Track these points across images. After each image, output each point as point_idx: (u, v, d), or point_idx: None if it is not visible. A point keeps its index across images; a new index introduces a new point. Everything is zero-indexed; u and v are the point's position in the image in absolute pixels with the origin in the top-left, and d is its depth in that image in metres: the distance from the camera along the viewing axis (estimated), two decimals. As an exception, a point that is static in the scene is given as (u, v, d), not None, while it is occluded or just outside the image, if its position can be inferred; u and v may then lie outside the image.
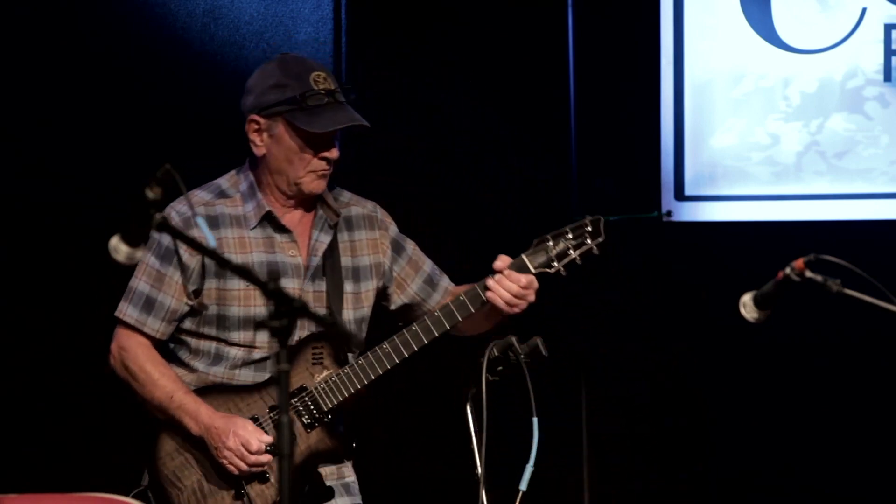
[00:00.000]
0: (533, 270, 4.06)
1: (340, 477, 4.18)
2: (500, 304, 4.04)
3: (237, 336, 4.07)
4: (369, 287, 4.19)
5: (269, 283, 2.85)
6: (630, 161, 5.93)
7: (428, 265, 4.28)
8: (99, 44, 5.32)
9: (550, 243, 4.09)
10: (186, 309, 4.08)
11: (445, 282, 4.28)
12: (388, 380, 5.73)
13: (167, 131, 5.21)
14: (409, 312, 4.26)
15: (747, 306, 3.38)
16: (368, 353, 4.07)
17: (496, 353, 3.96)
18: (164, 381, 4.06)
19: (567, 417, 5.83)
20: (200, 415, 4.02)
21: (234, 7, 5.59)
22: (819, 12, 5.77)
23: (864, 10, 5.73)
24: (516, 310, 4.06)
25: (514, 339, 3.96)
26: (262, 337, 4.07)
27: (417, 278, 4.26)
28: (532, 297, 4.06)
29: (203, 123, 5.43)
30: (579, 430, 5.88)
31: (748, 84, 5.82)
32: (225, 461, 3.99)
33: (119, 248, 2.96)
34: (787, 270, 3.28)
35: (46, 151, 5.23)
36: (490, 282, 4.04)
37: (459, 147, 5.84)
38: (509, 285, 4.03)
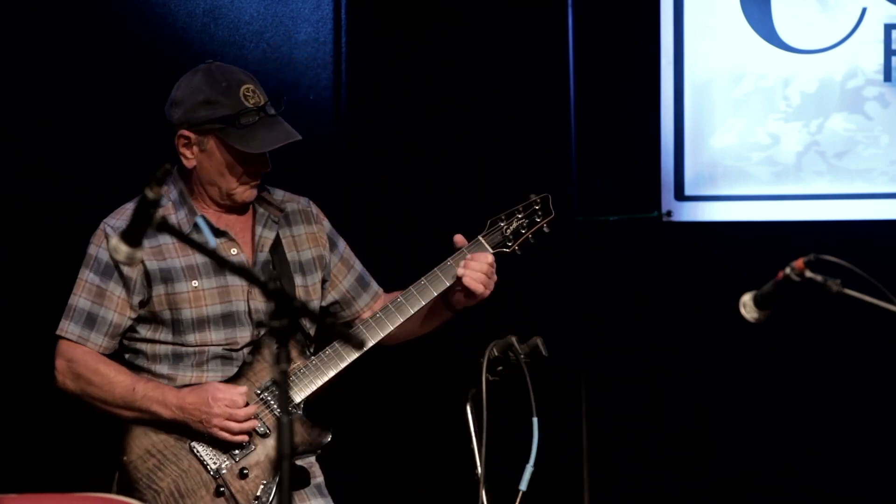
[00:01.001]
0: (491, 251, 4.12)
1: (311, 476, 4.16)
2: (476, 286, 4.07)
3: (192, 337, 4.05)
4: (316, 280, 4.20)
5: (268, 283, 2.85)
6: (630, 161, 5.93)
7: (359, 265, 4.32)
8: (99, 44, 5.31)
9: (503, 223, 4.18)
10: (129, 323, 4.06)
11: (375, 286, 4.32)
12: (388, 380, 5.74)
13: (167, 131, 5.20)
14: (338, 311, 4.28)
15: (747, 306, 3.37)
16: (335, 342, 4.07)
17: (496, 353, 3.96)
18: (121, 377, 4.03)
19: (567, 417, 5.83)
20: (167, 397, 3.98)
21: (234, 7, 5.59)
22: (819, 12, 5.77)
23: (864, 10, 5.73)
24: (487, 292, 4.10)
25: (514, 339, 3.96)
26: (218, 335, 4.06)
27: (350, 276, 4.28)
28: (496, 277, 4.12)
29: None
30: (579, 430, 5.88)
31: (748, 84, 5.82)
32: (216, 429, 3.95)
33: (119, 248, 2.96)
34: (787, 270, 3.27)
35: (46, 151, 5.22)
36: (461, 270, 4.08)
37: (459, 147, 5.84)
38: (479, 265, 4.08)
